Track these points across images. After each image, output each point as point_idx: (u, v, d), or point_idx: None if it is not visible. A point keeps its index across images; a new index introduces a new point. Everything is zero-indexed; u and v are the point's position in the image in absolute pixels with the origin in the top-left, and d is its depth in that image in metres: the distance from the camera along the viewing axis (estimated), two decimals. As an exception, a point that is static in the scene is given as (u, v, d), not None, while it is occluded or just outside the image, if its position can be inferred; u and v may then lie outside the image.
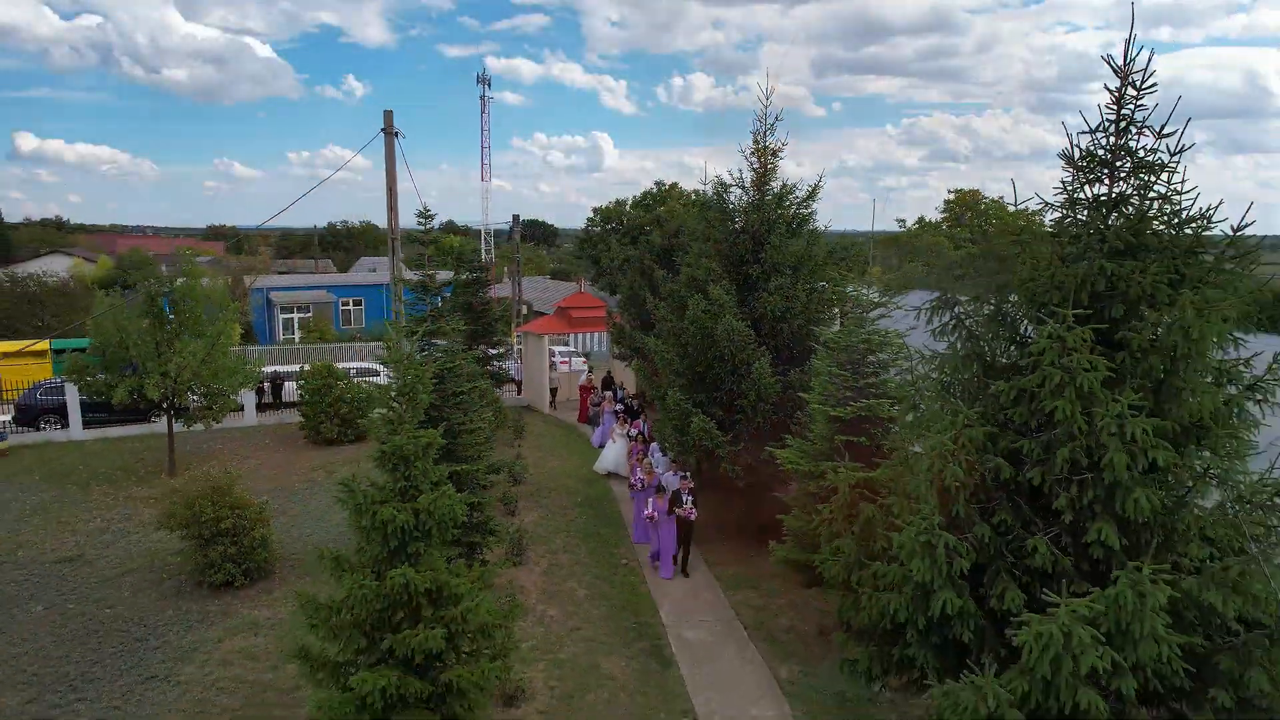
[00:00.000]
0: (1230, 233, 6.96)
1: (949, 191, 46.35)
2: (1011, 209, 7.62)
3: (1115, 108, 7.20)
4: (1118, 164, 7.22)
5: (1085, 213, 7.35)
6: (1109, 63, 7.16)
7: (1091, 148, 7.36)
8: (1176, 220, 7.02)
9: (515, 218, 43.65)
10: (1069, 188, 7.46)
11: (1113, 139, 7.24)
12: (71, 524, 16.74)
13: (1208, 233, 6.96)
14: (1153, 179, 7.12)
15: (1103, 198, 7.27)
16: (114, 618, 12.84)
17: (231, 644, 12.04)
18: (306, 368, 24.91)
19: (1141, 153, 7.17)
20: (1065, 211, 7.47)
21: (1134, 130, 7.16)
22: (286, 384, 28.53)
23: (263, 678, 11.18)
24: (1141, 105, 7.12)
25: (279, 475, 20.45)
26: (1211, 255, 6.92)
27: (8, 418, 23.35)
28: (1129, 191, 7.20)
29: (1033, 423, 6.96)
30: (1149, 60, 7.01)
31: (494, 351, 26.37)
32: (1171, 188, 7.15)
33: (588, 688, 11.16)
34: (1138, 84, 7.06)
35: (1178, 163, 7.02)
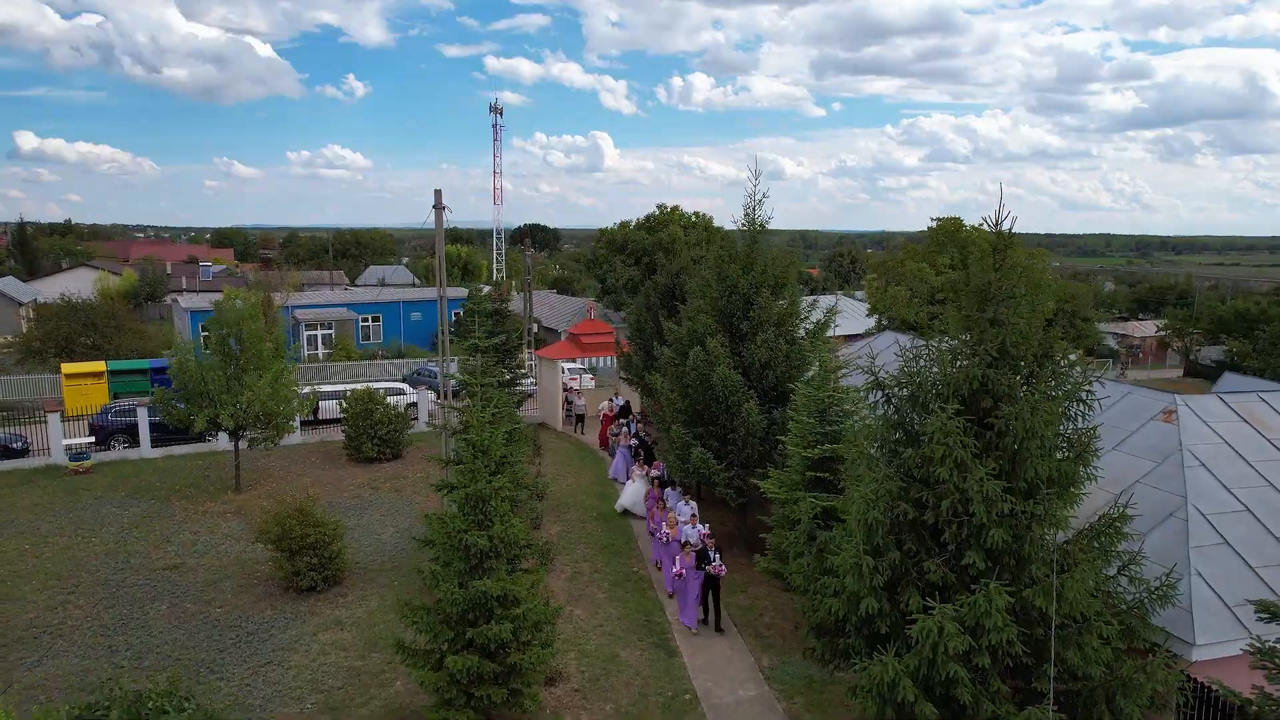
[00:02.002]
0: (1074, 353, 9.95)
1: (931, 219, 49.34)
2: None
3: (993, 258, 10.18)
4: (994, 296, 10.20)
5: (972, 331, 10.31)
6: (985, 221, 10.18)
7: (979, 284, 10.35)
8: (1029, 341, 10.02)
9: (526, 230, 46.64)
10: (964, 312, 10.43)
11: (991, 279, 10.23)
12: (167, 536, 19.76)
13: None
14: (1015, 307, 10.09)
15: (985, 318, 10.24)
16: (224, 615, 15.87)
17: (325, 637, 15.05)
18: (347, 392, 27.94)
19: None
20: (959, 332, 10.44)
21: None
22: (322, 403, 31.13)
23: (355, 664, 14.20)
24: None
25: (330, 493, 23.36)
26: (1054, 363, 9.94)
27: (91, 439, 26.32)
28: (1001, 315, 10.16)
29: (930, 480, 9.93)
30: (1012, 224, 10.03)
31: (509, 376, 29.37)
32: (1034, 313, 10.18)
33: (610, 673, 14.18)
34: (1005, 243, 10.06)
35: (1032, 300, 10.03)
